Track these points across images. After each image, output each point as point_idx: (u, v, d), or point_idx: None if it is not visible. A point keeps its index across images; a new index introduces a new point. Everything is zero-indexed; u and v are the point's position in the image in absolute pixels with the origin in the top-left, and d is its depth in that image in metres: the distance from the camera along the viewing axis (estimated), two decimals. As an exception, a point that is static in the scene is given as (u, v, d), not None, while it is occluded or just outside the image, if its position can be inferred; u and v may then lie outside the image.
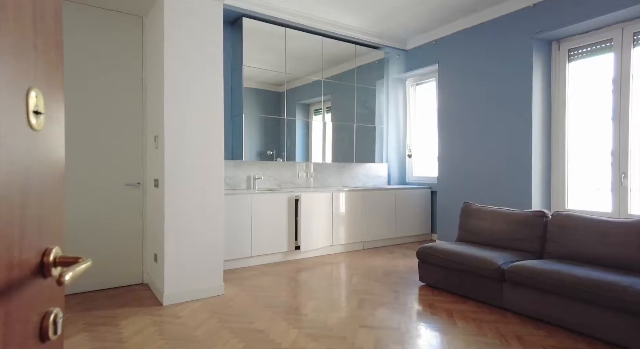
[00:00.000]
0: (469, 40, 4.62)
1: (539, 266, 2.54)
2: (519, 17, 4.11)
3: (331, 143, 4.91)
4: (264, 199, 3.99)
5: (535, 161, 4.03)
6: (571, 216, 2.90)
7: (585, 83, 3.90)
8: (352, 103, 5.08)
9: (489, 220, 3.39)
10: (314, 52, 4.69)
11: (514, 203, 4.15)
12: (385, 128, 5.55)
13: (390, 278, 3.53)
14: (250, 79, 4.21)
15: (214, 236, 3.04)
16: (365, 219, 4.79)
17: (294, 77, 4.53)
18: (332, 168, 5.17)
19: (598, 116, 3.79)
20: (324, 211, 4.40)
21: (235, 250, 3.82)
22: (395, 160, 5.78)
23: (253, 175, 4.47)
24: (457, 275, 3.03)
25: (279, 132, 4.46)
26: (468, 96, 4.65)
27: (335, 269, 3.87)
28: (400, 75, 5.63)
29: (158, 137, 2.98)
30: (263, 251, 3.99)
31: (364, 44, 5.13)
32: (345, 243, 4.63)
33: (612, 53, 3.66)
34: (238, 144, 4.23)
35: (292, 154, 4.58)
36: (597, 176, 3.81)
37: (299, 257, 4.29)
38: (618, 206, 3.62)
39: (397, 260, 4.25)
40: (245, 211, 3.87)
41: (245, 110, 4.18)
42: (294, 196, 4.20)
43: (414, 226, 5.27)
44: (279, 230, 4.09)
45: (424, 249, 3.28)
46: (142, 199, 3.35)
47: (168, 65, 2.84)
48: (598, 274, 2.31)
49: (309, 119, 4.76)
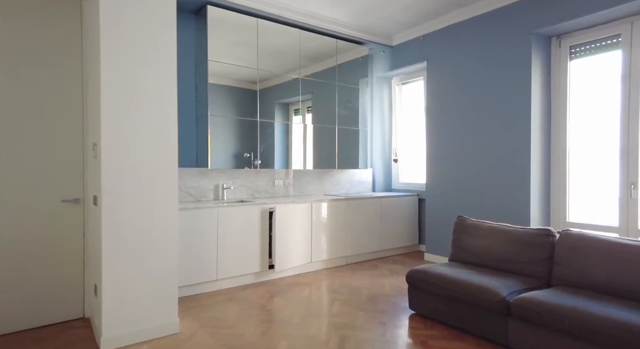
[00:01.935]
0: (460, 35, 4.22)
1: (552, 300, 2.14)
2: (516, 11, 3.72)
3: (311, 147, 4.45)
4: (232, 212, 3.49)
5: (534, 168, 3.65)
6: (583, 236, 2.52)
7: (588, 83, 3.54)
8: (334, 104, 4.62)
9: (487, 238, 2.98)
10: (290, 47, 4.22)
11: (511, 214, 3.77)
12: (369, 131, 5.12)
13: (376, 304, 3.09)
14: (219, 75, 3.71)
15: (167, 261, 2.54)
16: (348, 231, 4.34)
17: (268, 74, 4.04)
18: (312, 175, 4.71)
19: (603, 120, 3.43)
20: (302, 224, 3.94)
21: (198, 273, 3.31)
22: (380, 165, 5.36)
23: (222, 184, 3.96)
24: (454, 305, 2.61)
25: (253, 136, 3.96)
26: (459, 97, 4.25)
27: (314, 292, 3.40)
28: (386, 73, 5.20)
29: (96, 145, 2.45)
30: (231, 273, 3.50)
31: (346, 38, 4.68)
32: (326, 259, 4.17)
33: (620, 50, 3.31)
34: (203, 148, 3.72)
35: (267, 160, 4.09)
36: (602, 186, 3.45)
37: (273, 277, 3.81)
38: (627, 220, 3.27)
39: (383, 279, 3.82)
40: (210, 227, 3.37)
41: (212, 110, 3.67)
42: (267, 208, 3.71)
43: (401, 237, 4.86)
44: (250, 248, 3.61)
45: (415, 273, 2.85)
46: (82, 218, 2.81)
47: (106, 57, 2.32)
48: (624, 315, 1.92)
49: (288, 121, 4.28)
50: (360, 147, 4.87)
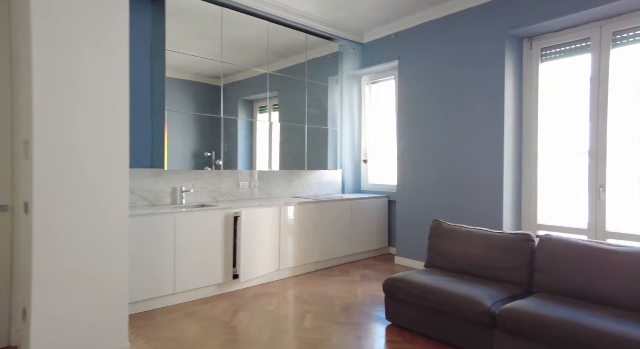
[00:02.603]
0: (433, 34, 4.13)
1: (539, 311, 2.03)
2: (490, 10, 3.67)
3: (280, 147, 4.18)
4: (192, 218, 3.16)
5: (506, 170, 3.62)
6: (563, 241, 2.45)
7: (559, 86, 3.54)
8: (303, 102, 4.38)
9: (465, 243, 2.87)
10: (258, 40, 3.93)
11: (484, 216, 3.71)
12: (339, 130, 4.93)
13: (350, 315, 2.89)
14: (179, 69, 3.35)
15: (114, 276, 2.18)
16: (318, 235, 4.12)
17: (233, 68, 3.73)
18: (280, 176, 4.44)
19: (573, 123, 3.45)
20: (269, 229, 3.67)
21: (153, 287, 2.96)
22: (349, 166, 5.19)
23: (180, 187, 3.60)
24: (435, 316, 2.46)
25: (215, 134, 3.64)
26: (431, 97, 4.16)
27: (283, 304, 3.15)
28: (356, 71, 5.04)
29: (28, 143, 2.06)
30: (190, 285, 3.16)
31: (316, 33, 4.46)
32: (294, 266, 3.92)
33: (589, 54, 3.33)
34: (159, 147, 3.36)
35: (231, 160, 3.78)
36: (571, 188, 3.47)
37: (237, 288, 3.51)
38: (595, 222, 3.30)
39: (355, 285, 3.63)
40: (167, 235, 3.02)
41: (169, 105, 3.32)
42: (232, 213, 3.41)
43: (371, 240, 4.71)
44: (212, 256, 3.29)
45: (393, 282, 2.68)
46: (11, 229, 2.38)
47: (40, 37, 1.94)
48: (612, 326, 1.83)
49: (253, 118, 3.98)
50: (329, 147, 4.67)
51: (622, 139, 3.18)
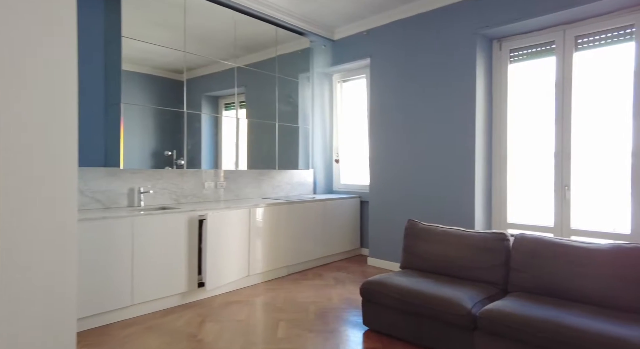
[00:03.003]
0: (406, 32, 4.10)
1: (521, 312, 1.99)
2: (461, 10, 3.68)
3: (248, 146, 3.97)
4: (152, 222, 2.89)
5: (478, 170, 3.64)
6: (538, 240, 2.46)
7: (526, 88, 3.61)
8: (274, 98, 4.20)
9: (441, 243, 2.82)
10: (224, 32, 3.71)
11: (456, 216, 3.71)
12: (310, 129, 4.79)
13: (326, 323, 2.75)
14: (137, 62, 3.07)
15: (59, 291, 1.91)
16: (289, 238, 3.95)
17: (197, 62, 3.49)
18: (249, 176, 4.23)
19: (540, 124, 3.52)
20: (237, 233, 3.45)
21: (107, 299, 2.66)
22: (321, 166, 5.06)
23: (138, 188, 3.31)
24: (414, 320, 2.38)
25: (178, 131, 3.38)
26: (404, 96, 4.12)
27: (254, 313, 2.96)
28: (327, 69, 4.92)
29: (-48, 135, 1.75)
30: (151, 295, 2.89)
31: (286, 27, 4.29)
32: (265, 271, 3.73)
33: (554, 56, 3.42)
34: (114, 144, 3.05)
35: (195, 159, 3.53)
36: (539, 188, 3.54)
37: (204, 297, 3.27)
38: (561, 220, 3.38)
39: (330, 289, 3.50)
40: (123, 241, 2.74)
41: (126, 98, 3.03)
42: (197, 216, 3.17)
43: (343, 242, 4.61)
44: (175, 264, 3.03)
45: (371, 285, 2.57)
46: None
47: (-34, 12, 1.65)
48: (595, 325, 1.82)
49: (218, 114, 3.75)
50: (300, 146, 4.51)
51: (585, 141, 3.28)
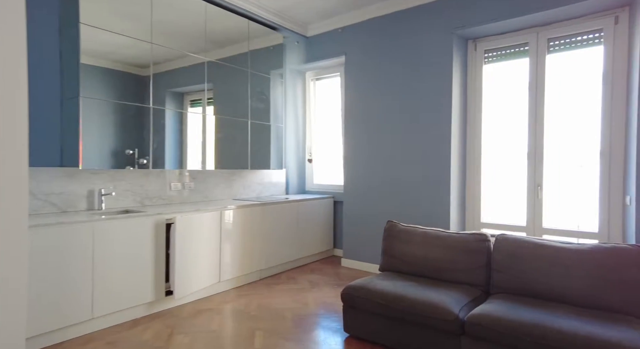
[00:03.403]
0: (382, 30, 4.04)
1: (510, 316, 1.96)
2: (437, 9, 3.66)
3: (217, 144, 3.76)
4: (115, 227, 2.65)
5: (453, 170, 3.64)
6: (519, 240, 2.46)
7: (500, 88, 3.66)
8: (246, 94, 4.01)
9: (422, 245, 2.78)
10: (194, 25, 3.48)
11: (432, 216, 3.70)
12: (283, 127, 4.63)
13: (304, 330, 2.63)
14: (98, 54, 2.79)
15: (5, 307, 1.67)
16: (262, 241, 3.79)
17: (164, 56, 3.24)
18: (220, 176, 4.02)
19: (513, 125, 3.57)
20: (208, 237, 3.25)
21: (64, 313, 2.40)
22: (294, 165, 4.93)
23: (99, 189, 3.03)
24: (398, 325, 2.31)
25: (142, 128, 3.13)
26: (380, 95, 4.06)
27: (228, 322, 2.78)
28: (300, 66, 4.79)
29: None
30: (114, 307, 2.65)
31: (259, 21, 4.12)
32: (237, 276, 3.55)
33: (528, 58, 3.47)
34: (72, 142, 2.77)
35: (161, 159, 3.29)
36: (512, 187, 3.59)
37: (172, 305, 3.05)
38: (533, 219, 3.44)
39: (305, 293, 3.38)
40: (82, 248, 2.48)
41: (85, 91, 2.75)
42: (164, 220, 2.95)
43: (316, 243, 4.50)
44: (141, 272, 2.80)
45: (353, 290, 2.47)
46: None
47: None
48: (587, 328, 1.82)
49: (183, 110, 3.52)
50: (272, 145, 4.35)
51: (556, 141, 3.36)
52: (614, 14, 3.09)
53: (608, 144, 3.12)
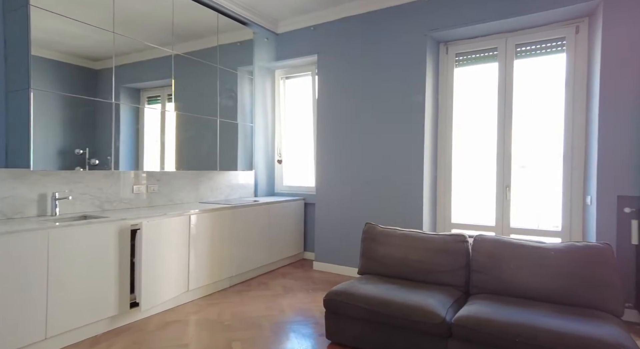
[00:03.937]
0: (356, 30, 4.00)
1: (497, 317, 1.97)
2: (412, 11, 3.68)
3: (183, 144, 3.53)
4: (73, 235, 2.38)
5: (426, 171, 3.68)
6: (497, 241, 2.50)
7: (471, 91, 3.75)
8: (214, 91, 3.80)
9: (401, 246, 2.76)
10: (159, 16, 3.24)
11: (405, 217, 3.71)
12: (251, 127, 4.47)
13: (284, 339, 2.51)
14: (49, 45, 2.50)
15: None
16: (232, 246, 3.61)
17: (124, 48, 2.98)
18: (185, 178, 3.79)
19: (483, 127, 3.68)
20: (175, 243, 3.04)
21: (13, 335, 2.11)
22: (263, 166, 4.77)
23: (52, 193, 2.72)
24: (383, 330, 2.26)
25: (103, 124, 2.85)
26: (353, 95, 4.02)
27: (200, 334, 2.60)
28: (269, 64, 4.64)
29: None
30: (72, 324, 2.38)
31: (229, 14, 3.93)
32: (207, 284, 3.35)
33: (497, 62, 3.58)
34: (20, 140, 2.46)
35: (123, 158, 3.02)
36: (481, 188, 3.69)
37: (138, 318, 2.81)
38: (502, 219, 3.56)
39: (280, 300, 3.26)
40: (34, 259, 2.20)
41: (36, 83, 2.45)
42: (129, 226, 2.70)
43: (287, 246, 4.38)
44: (103, 283, 2.55)
45: (336, 296, 2.40)
46: None
47: None
48: (572, 326, 1.86)
49: (140, 105, 3.26)
50: (240, 145, 4.17)
51: (523, 144, 3.49)
52: (575, 23, 3.26)
53: (570, 147, 3.28)
